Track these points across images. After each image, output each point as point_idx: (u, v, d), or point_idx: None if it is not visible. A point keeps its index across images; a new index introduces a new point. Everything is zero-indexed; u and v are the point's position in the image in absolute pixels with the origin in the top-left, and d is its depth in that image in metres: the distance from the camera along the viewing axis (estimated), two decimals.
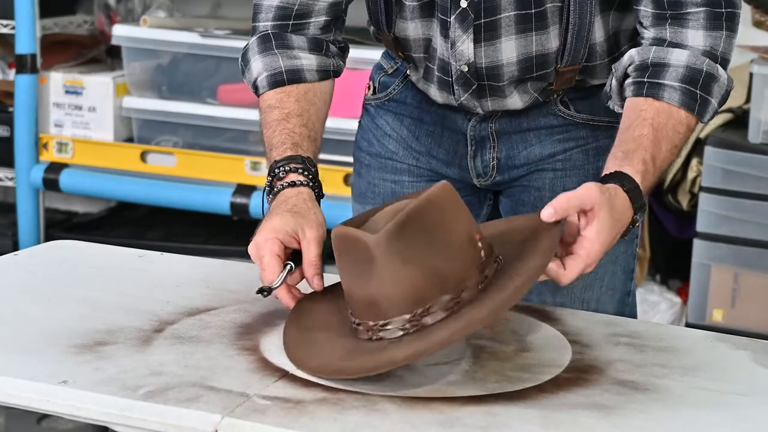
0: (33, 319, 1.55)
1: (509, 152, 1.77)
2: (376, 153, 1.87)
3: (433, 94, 1.77)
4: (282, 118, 1.66)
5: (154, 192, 3.25)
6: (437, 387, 1.36)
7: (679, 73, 1.58)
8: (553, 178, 1.76)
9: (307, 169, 1.60)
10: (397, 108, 1.84)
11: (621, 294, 1.80)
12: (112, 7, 3.59)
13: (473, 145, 1.78)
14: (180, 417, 1.27)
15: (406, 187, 1.84)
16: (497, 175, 1.79)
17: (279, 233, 1.49)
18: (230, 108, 3.18)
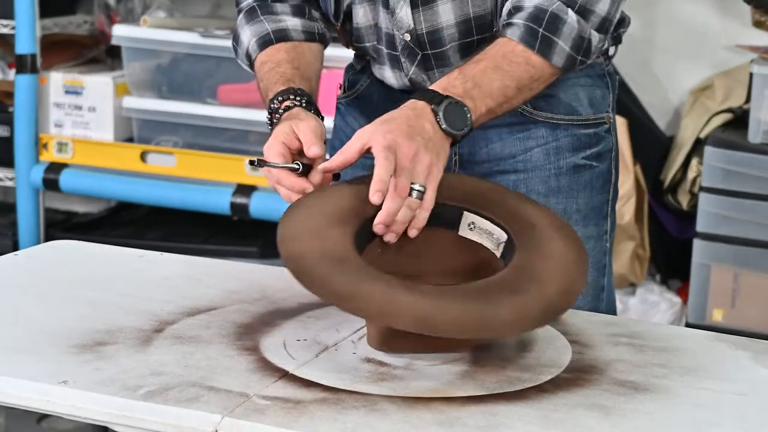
0: (33, 319, 1.55)
1: (471, 148, 1.78)
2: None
3: (388, 78, 1.79)
4: (273, 67, 1.71)
5: (154, 192, 3.25)
6: (437, 387, 1.36)
7: (527, 13, 1.60)
8: (515, 180, 1.77)
9: (300, 95, 1.64)
10: (364, 106, 1.85)
11: (594, 290, 1.80)
12: (112, 7, 3.59)
13: None
14: (180, 417, 1.27)
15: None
16: (460, 171, 1.80)
17: (279, 136, 1.55)
18: (230, 108, 3.18)
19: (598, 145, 1.78)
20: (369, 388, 1.35)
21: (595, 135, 1.78)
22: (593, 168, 1.78)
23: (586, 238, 1.74)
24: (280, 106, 1.64)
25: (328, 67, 3.03)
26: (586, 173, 1.77)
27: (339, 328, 1.56)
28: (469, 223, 1.56)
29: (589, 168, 1.77)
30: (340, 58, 3.01)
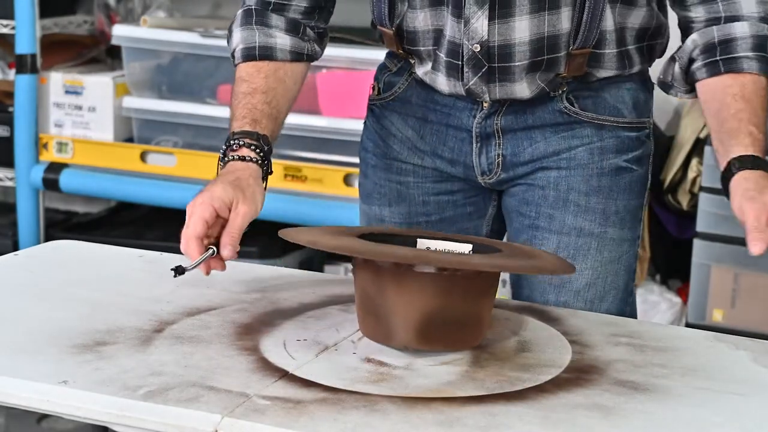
0: (33, 319, 1.55)
1: (514, 149, 1.77)
2: (381, 154, 1.87)
3: (440, 84, 1.77)
4: (248, 92, 1.71)
5: (154, 192, 3.25)
6: (437, 387, 1.36)
7: (748, 43, 1.64)
8: (557, 176, 1.77)
9: (260, 147, 1.66)
10: (401, 108, 1.84)
11: (623, 293, 1.81)
12: (112, 7, 3.59)
13: (478, 142, 1.78)
14: (180, 417, 1.27)
15: (411, 187, 1.85)
16: (502, 173, 1.79)
17: (215, 201, 1.54)
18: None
19: (639, 148, 1.79)
20: (369, 388, 1.35)
21: (637, 138, 1.79)
22: (633, 171, 1.78)
23: (621, 241, 1.77)
24: (238, 150, 1.64)
25: (329, 67, 3.05)
26: (627, 176, 1.78)
27: (339, 328, 1.56)
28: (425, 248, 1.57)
29: (630, 171, 1.78)
30: (340, 58, 3.02)
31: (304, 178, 3.07)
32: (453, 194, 1.84)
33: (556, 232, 1.77)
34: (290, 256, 3.27)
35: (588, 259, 1.76)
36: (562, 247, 1.76)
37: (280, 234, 1.50)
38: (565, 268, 1.55)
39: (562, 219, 1.76)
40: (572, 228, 1.76)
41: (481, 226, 1.87)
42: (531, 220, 1.78)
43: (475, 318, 1.47)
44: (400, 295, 1.43)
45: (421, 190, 1.85)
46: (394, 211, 1.86)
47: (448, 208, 1.85)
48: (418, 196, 1.85)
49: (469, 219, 1.86)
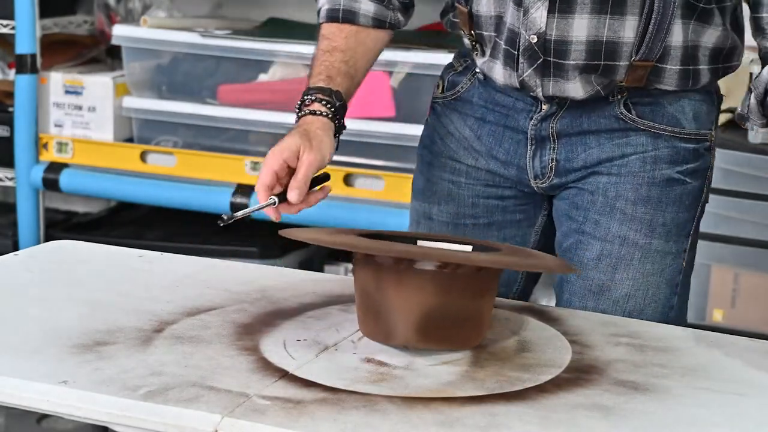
0: (33, 319, 1.55)
1: (568, 154, 1.76)
2: (437, 151, 1.87)
3: (496, 74, 1.76)
4: (327, 50, 1.76)
5: (154, 192, 3.25)
6: (437, 387, 1.36)
7: None
8: (607, 182, 1.75)
9: (332, 102, 1.70)
10: (462, 107, 1.84)
11: (663, 307, 1.77)
12: (112, 7, 3.58)
13: (533, 145, 1.77)
14: (180, 417, 1.27)
15: (462, 188, 1.84)
16: (555, 177, 1.78)
17: (284, 152, 1.60)
18: (230, 108, 3.17)
19: (696, 161, 1.77)
20: (369, 388, 1.35)
21: (694, 151, 1.76)
22: (686, 184, 1.76)
23: (664, 254, 1.74)
24: (311, 105, 1.69)
25: None
26: (678, 188, 1.75)
27: (339, 328, 1.56)
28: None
29: (682, 183, 1.76)
30: None
31: None
32: (503, 200, 1.83)
33: (600, 239, 1.75)
34: (290, 256, 3.27)
35: (630, 269, 1.74)
36: (605, 254, 1.74)
37: (281, 233, 1.50)
38: (564, 268, 1.55)
39: (607, 226, 1.74)
40: (616, 236, 1.74)
41: (529, 234, 1.85)
42: (578, 224, 1.77)
43: (475, 316, 1.47)
44: (400, 292, 1.43)
45: (472, 192, 1.84)
46: (443, 210, 1.85)
47: (497, 213, 1.84)
48: (468, 198, 1.84)
49: (518, 226, 1.84)
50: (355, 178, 3.02)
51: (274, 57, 3.12)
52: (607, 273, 1.73)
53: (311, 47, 3.04)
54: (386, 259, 1.44)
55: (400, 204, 2.94)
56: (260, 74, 3.17)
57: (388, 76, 2.93)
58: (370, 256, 1.45)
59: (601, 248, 1.74)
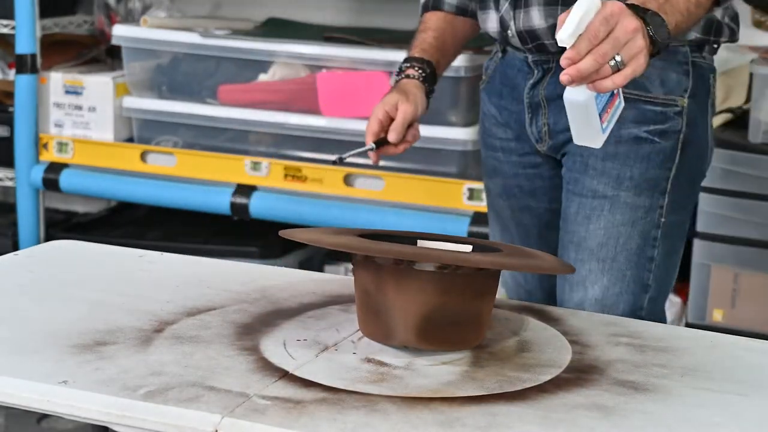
0: (33, 319, 1.55)
1: (555, 118, 1.90)
2: (483, 132, 2.07)
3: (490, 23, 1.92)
4: (422, 30, 2.05)
5: (154, 192, 3.25)
6: (437, 387, 1.37)
7: None
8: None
9: (423, 68, 1.98)
10: (490, 88, 2.03)
11: (639, 258, 1.86)
12: (112, 7, 3.58)
13: (530, 112, 1.93)
14: (180, 417, 1.27)
15: (502, 161, 2.02)
16: (549, 140, 1.93)
17: (385, 105, 1.92)
18: (230, 108, 3.17)
19: (664, 123, 1.86)
20: (369, 388, 1.35)
21: (662, 113, 1.86)
22: (654, 143, 1.86)
23: (636, 207, 1.85)
24: (404, 71, 1.98)
25: (329, 67, 3.04)
26: (646, 146, 1.86)
27: (339, 328, 1.56)
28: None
29: (650, 142, 1.85)
30: (340, 58, 3.02)
31: (304, 178, 3.07)
32: (537, 167, 1.98)
33: (578, 195, 1.88)
34: (290, 256, 3.27)
35: (601, 219, 1.86)
36: (581, 208, 1.87)
37: (281, 233, 1.51)
38: (563, 268, 1.56)
39: (582, 182, 1.88)
40: (589, 190, 1.87)
41: None
42: (566, 184, 1.91)
43: (475, 317, 1.47)
44: (400, 293, 1.43)
45: (510, 164, 2.01)
46: (495, 183, 2.05)
47: (536, 180, 1.99)
48: (509, 170, 2.01)
49: (559, 189, 1.96)
50: (355, 178, 3.02)
51: (274, 57, 3.12)
52: (583, 224, 1.87)
53: (311, 47, 3.07)
54: (386, 260, 1.44)
55: (400, 204, 2.94)
56: (260, 74, 3.16)
57: (388, 76, 2.93)
58: (370, 257, 1.45)
59: (579, 203, 1.88)
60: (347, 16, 3.44)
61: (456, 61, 2.92)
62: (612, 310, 1.83)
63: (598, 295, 1.85)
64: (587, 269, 1.86)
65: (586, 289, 1.85)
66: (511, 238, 2.04)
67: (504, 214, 2.05)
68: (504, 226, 2.06)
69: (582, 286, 1.86)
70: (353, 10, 3.46)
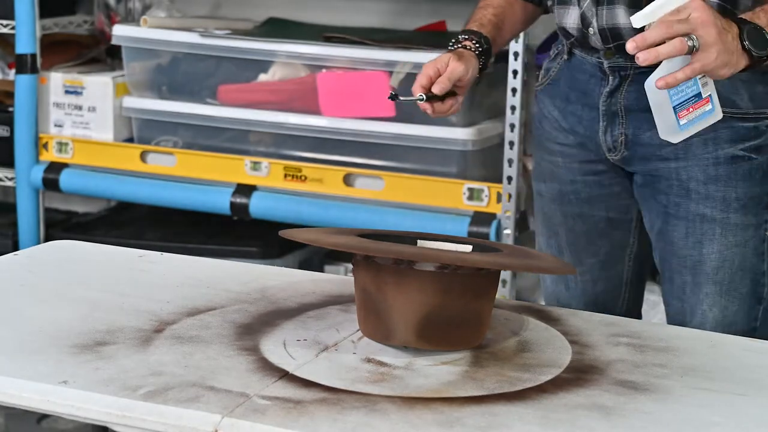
0: (33, 319, 1.55)
1: (635, 129, 1.86)
2: (539, 134, 2.03)
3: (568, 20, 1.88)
4: (482, 7, 2.02)
5: (154, 192, 3.25)
6: (437, 387, 1.36)
7: None
8: (676, 167, 1.84)
9: (480, 43, 1.92)
10: (552, 90, 1.98)
11: (754, 274, 1.85)
12: (112, 7, 3.58)
13: (605, 120, 1.88)
14: (180, 417, 1.27)
15: (560, 166, 1.97)
16: (625, 151, 1.88)
17: (438, 62, 1.85)
18: (230, 108, 3.17)
19: (757, 138, 1.84)
20: (369, 388, 1.35)
21: (754, 129, 1.83)
22: (752, 160, 1.83)
23: (745, 226, 1.83)
24: (462, 42, 1.92)
25: (329, 67, 3.04)
26: (745, 164, 1.83)
27: (339, 328, 1.56)
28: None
29: (748, 159, 1.83)
30: (340, 58, 3.02)
31: (304, 178, 3.07)
32: (598, 174, 1.94)
33: (683, 219, 1.84)
34: (290, 256, 3.26)
35: (714, 243, 1.84)
36: (690, 232, 1.84)
37: (281, 233, 1.51)
38: (564, 269, 1.55)
39: (686, 206, 1.84)
40: (696, 215, 1.84)
41: (631, 204, 1.94)
42: (663, 207, 1.87)
43: (475, 317, 1.47)
44: (400, 293, 1.43)
45: (569, 170, 1.96)
46: (549, 188, 2.00)
47: (595, 187, 1.95)
48: (567, 175, 1.97)
49: (618, 198, 1.94)
50: (355, 178, 3.01)
51: (274, 57, 3.12)
52: (696, 249, 1.84)
53: (311, 47, 3.06)
54: (386, 260, 1.44)
55: (400, 204, 2.94)
56: (260, 74, 3.16)
57: (388, 76, 2.93)
58: (370, 257, 1.45)
59: (686, 227, 1.84)
60: (347, 16, 3.44)
61: None
62: (731, 328, 1.82)
63: (719, 317, 1.83)
64: (704, 293, 1.84)
65: (705, 313, 1.84)
66: (558, 244, 2.00)
67: (555, 220, 2.00)
68: (552, 232, 2.01)
69: (700, 309, 1.84)
70: (353, 10, 3.45)
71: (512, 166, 2.87)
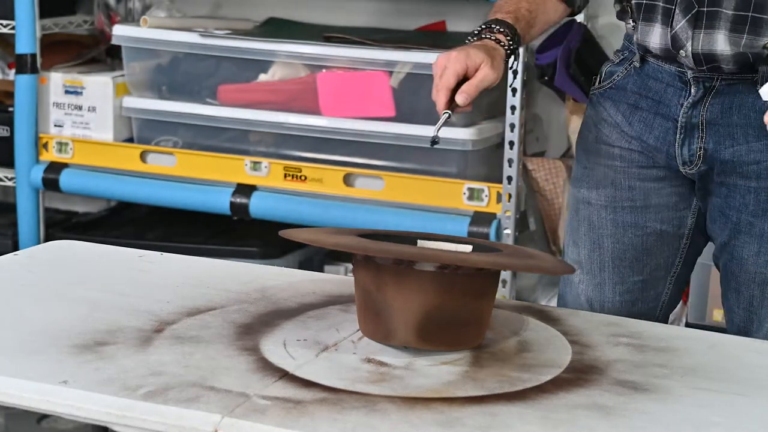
0: (33, 319, 1.55)
1: (716, 145, 1.81)
2: (593, 139, 1.94)
3: (653, 38, 1.81)
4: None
5: (154, 192, 3.25)
6: (437, 387, 1.36)
7: None
8: (757, 187, 1.80)
9: (514, 41, 1.78)
10: (616, 95, 1.91)
11: None
12: (112, 7, 3.58)
13: (682, 133, 1.82)
14: (180, 417, 1.27)
15: (618, 171, 1.90)
16: (702, 165, 1.83)
17: (469, 59, 1.70)
18: (230, 108, 3.17)
19: None
20: (369, 388, 1.35)
21: None
22: None
23: None
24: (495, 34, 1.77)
25: (329, 67, 3.04)
26: None
27: (339, 328, 1.56)
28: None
29: None
30: (340, 58, 3.02)
31: (304, 178, 3.07)
32: (658, 181, 1.88)
33: (756, 237, 1.81)
34: (290, 256, 3.26)
35: None
36: (763, 251, 1.81)
37: (281, 233, 1.51)
38: (564, 269, 1.55)
39: (761, 227, 1.81)
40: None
41: (686, 216, 1.90)
42: (733, 223, 1.83)
43: (475, 317, 1.47)
44: (400, 293, 1.43)
45: (628, 175, 1.89)
46: (601, 194, 1.91)
47: (653, 196, 1.89)
48: (624, 180, 1.90)
49: (675, 209, 1.90)
50: (355, 178, 3.01)
51: (274, 57, 3.12)
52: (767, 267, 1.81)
53: (311, 47, 3.06)
54: (386, 260, 1.44)
55: (400, 204, 2.94)
56: (260, 74, 3.16)
57: (388, 76, 2.93)
58: (370, 257, 1.45)
59: (759, 245, 1.81)
60: (347, 16, 3.44)
61: None
62: None
63: None
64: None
65: None
66: (601, 258, 1.90)
67: (603, 230, 1.90)
68: (597, 243, 1.91)
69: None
70: (353, 10, 3.45)
71: (512, 166, 2.87)
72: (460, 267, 1.44)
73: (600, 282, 1.91)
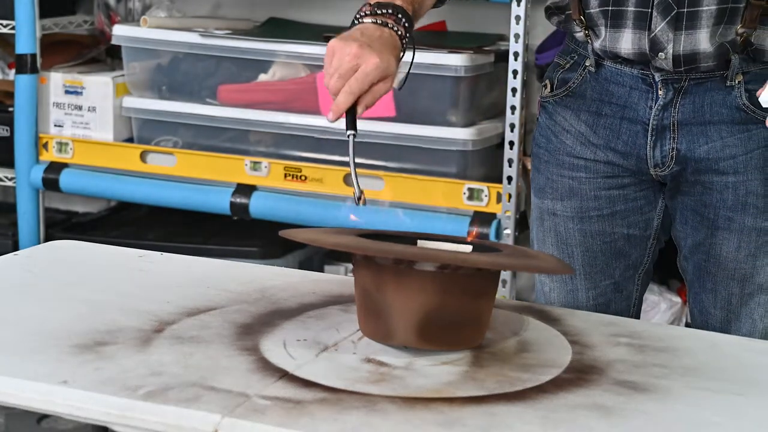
0: (33, 319, 1.55)
1: (689, 144, 1.80)
2: (554, 149, 1.91)
3: (624, 44, 1.78)
4: None
5: (154, 192, 3.25)
6: (437, 387, 1.36)
7: None
8: (735, 181, 1.79)
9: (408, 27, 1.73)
10: (574, 103, 1.88)
11: None
12: (112, 7, 3.59)
13: (653, 135, 1.81)
14: (180, 417, 1.27)
15: (582, 182, 1.88)
16: (675, 166, 1.82)
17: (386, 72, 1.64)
18: (230, 108, 3.17)
19: None
20: (369, 388, 1.35)
21: None
22: None
23: None
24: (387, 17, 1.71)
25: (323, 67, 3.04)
26: None
27: (339, 328, 1.56)
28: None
29: None
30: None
31: (304, 178, 3.07)
32: (624, 188, 1.87)
33: (736, 232, 1.80)
34: (290, 256, 3.27)
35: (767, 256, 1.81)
36: (743, 246, 1.80)
37: (281, 233, 1.51)
38: (564, 269, 1.55)
39: (741, 221, 1.80)
40: (752, 229, 1.80)
41: (652, 219, 1.90)
42: (709, 221, 1.82)
43: (475, 317, 1.47)
44: (400, 293, 1.43)
45: (593, 185, 1.88)
46: (567, 206, 1.90)
47: (619, 202, 1.88)
48: (590, 191, 1.88)
49: (640, 212, 1.88)
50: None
51: (274, 57, 3.13)
52: (747, 262, 1.80)
53: (311, 47, 3.06)
54: (386, 260, 1.44)
55: (400, 204, 2.94)
56: (260, 74, 3.17)
57: None
58: (370, 257, 1.45)
59: (738, 240, 1.80)
60: (347, 16, 3.44)
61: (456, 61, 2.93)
62: None
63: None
64: (755, 302, 1.82)
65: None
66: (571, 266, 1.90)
67: (571, 240, 1.90)
68: (566, 253, 1.91)
69: (750, 319, 1.83)
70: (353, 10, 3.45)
71: (512, 166, 2.87)
72: (460, 267, 1.44)
73: (572, 289, 1.91)
